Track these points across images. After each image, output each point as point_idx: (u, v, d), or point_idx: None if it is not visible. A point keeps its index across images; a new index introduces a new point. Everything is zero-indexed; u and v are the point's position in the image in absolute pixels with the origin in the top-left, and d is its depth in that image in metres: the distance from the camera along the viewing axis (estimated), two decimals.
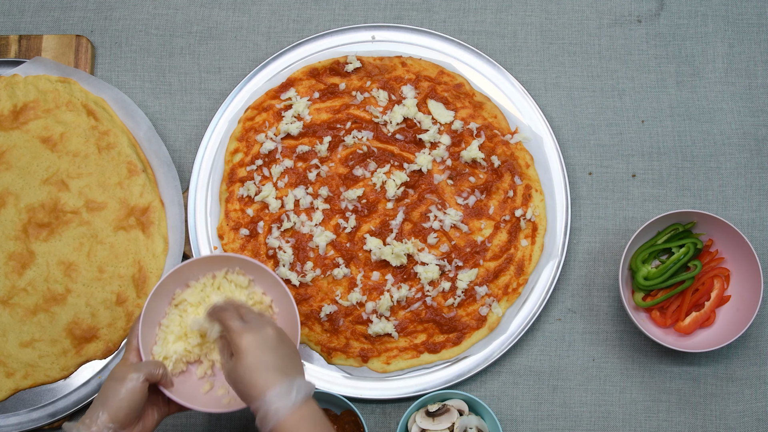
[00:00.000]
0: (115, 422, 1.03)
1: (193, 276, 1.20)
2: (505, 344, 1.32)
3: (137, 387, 1.05)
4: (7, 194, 1.34)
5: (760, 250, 1.36)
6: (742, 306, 1.28)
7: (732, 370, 1.34)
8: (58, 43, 1.41)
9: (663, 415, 1.33)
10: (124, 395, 1.04)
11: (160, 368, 1.08)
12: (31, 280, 1.33)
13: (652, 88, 1.42)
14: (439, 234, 1.33)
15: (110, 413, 1.03)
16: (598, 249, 1.38)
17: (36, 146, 1.36)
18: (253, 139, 1.36)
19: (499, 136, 1.36)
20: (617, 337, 1.35)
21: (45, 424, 1.30)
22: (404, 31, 1.41)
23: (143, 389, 1.05)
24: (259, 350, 1.03)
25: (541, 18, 1.44)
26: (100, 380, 1.31)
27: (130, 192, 1.35)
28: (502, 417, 1.33)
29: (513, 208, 1.34)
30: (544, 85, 1.42)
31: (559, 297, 1.36)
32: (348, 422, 1.28)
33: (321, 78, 1.38)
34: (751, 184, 1.39)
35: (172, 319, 1.18)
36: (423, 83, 1.37)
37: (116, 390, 1.04)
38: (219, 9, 1.45)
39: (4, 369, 1.31)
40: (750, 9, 1.44)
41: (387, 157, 1.35)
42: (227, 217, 1.35)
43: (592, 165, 1.40)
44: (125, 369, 1.07)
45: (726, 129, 1.40)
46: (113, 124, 1.36)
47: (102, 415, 1.03)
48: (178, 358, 1.16)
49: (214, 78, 1.43)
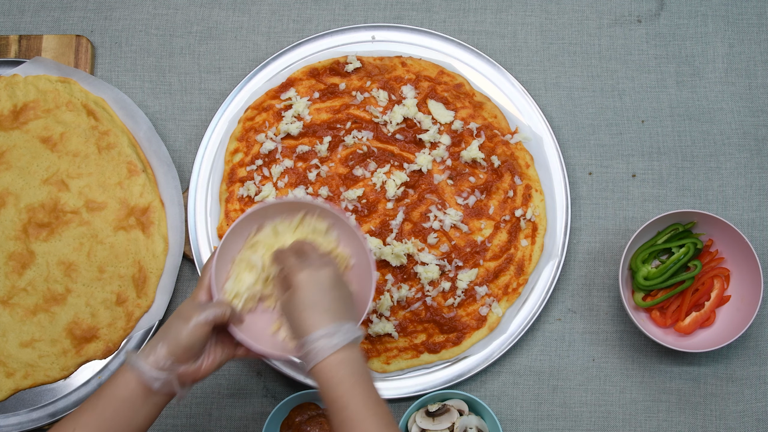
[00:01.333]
0: (173, 356, 1.03)
1: (270, 218, 1.18)
2: (505, 344, 1.32)
3: (199, 328, 1.04)
4: (7, 194, 1.34)
5: (760, 250, 1.36)
6: (742, 306, 1.28)
7: (732, 370, 1.34)
8: (58, 43, 1.41)
9: (663, 415, 1.33)
10: (185, 334, 1.04)
11: (227, 309, 1.07)
12: (31, 280, 1.33)
13: (652, 88, 1.42)
14: (439, 234, 1.33)
15: (169, 348, 1.03)
16: (598, 249, 1.38)
17: (36, 146, 1.36)
18: (253, 139, 1.36)
19: (499, 136, 1.36)
20: (617, 337, 1.35)
21: (45, 424, 1.30)
22: (404, 31, 1.41)
23: (205, 330, 1.05)
24: (312, 289, 1.03)
25: (541, 18, 1.44)
26: (100, 380, 1.31)
27: (130, 192, 1.35)
28: (502, 417, 1.33)
29: (513, 208, 1.34)
30: (544, 85, 1.42)
31: (559, 297, 1.36)
32: None
33: (321, 78, 1.38)
34: (751, 184, 1.39)
35: (245, 257, 1.17)
36: (423, 83, 1.37)
37: (179, 327, 1.04)
38: (219, 9, 1.45)
39: (4, 369, 1.31)
40: (750, 9, 1.44)
41: (387, 157, 1.35)
42: (227, 217, 1.35)
43: (592, 165, 1.40)
44: (192, 308, 1.06)
45: (726, 129, 1.40)
46: (113, 124, 1.37)
47: (161, 348, 1.03)
48: (249, 297, 1.15)
49: (214, 78, 1.43)
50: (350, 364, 1.00)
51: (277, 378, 1.34)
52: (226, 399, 1.34)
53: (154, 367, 1.02)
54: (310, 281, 1.04)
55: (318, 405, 1.30)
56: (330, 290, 1.04)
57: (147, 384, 1.02)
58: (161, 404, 1.05)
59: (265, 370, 1.35)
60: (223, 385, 1.34)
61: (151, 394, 1.03)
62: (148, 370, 1.02)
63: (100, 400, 1.02)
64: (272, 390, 1.34)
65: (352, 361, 1.00)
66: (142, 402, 1.03)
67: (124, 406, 1.02)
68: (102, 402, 1.02)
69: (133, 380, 1.02)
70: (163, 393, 1.04)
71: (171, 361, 1.03)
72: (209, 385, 1.34)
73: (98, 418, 1.01)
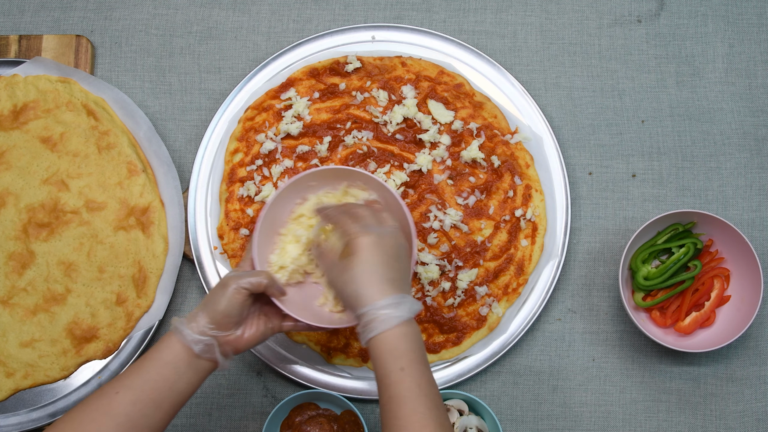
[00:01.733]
0: (213, 323, 1.05)
1: (313, 190, 1.18)
2: (505, 344, 1.32)
3: (235, 294, 1.05)
4: (7, 194, 1.34)
5: (760, 250, 1.36)
6: (742, 306, 1.28)
7: (732, 370, 1.34)
8: (58, 43, 1.41)
9: (663, 415, 1.33)
10: (222, 301, 1.05)
11: (265, 279, 1.07)
12: (31, 280, 1.33)
13: (652, 88, 1.42)
14: (439, 234, 1.33)
15: (208, 314, 1.05)
16: (598, 249, 1.38)
17: (36, 146, 1.36)
18: (253, 139, 1.36)
19: (499, 136, 1.36)
20: (617, 337, 1.35)
21: (45, 424, 1.30)
22: (404, 31, 1.41)
23: (242, 297, 1.06)
24: (377, 256, 1.02)
25: (541, 18, 1.44)
26: (100, 380, 1.31)
27: (130, 192, 1.35)
28: (502, 417, 1.33)
29: (513, 208, 1.34)
30: (544, 85, 1.42)
31: (559, 297, 1.36)
32: (348, 422, 1.28)
33: (321, 78, 1.38)
34: (751, 184, 1.39)
35: (291, 229, 1.17)
36: (423, 83, 1.37)
37: (217, 294, 1.06)
38: (219, 9, 1.45)
39: (4, 369, 1.31)
40: (750, 9, 1.44)
41: (387, 157, 1.35)
42: (227, 217, 1.35)
43: (592, 165, 1.40)
44: (231, 276, 1.08)
45: (726, 129, 1.40)
46: (113, 124, 1.36)
47: (201, 315, 1.05)
48: (294, 269, 1.15)
49: (214, 78, 1.43)
50: (411, 338, 0.99)
51: (277, 378, 1.34)
52: (226, 399, 1.34)
53: (195, 332, 1.04)
54: (375, 248, 1.03)
55: (318, 405, 1.30)
56: (395, 260, 1.04)
57: (189, 347, 1.03)
58: (204, 372, 1.06)
59: (265, 370, 1.35)
60: (223, 385, 1.34)
61: (194, 359, 1.04)
62: (190, 333, 1.03)
63: (145, 363, 1.03)
64: (272, 390, 1.34)
65: (414, 336, 1.00)
66: (186, 366, 1.04)
67: (168, 368, 1.03)
68: (146, 364, 1.03)
69: (177, 344, 1.04)
70: (205, 359, 1.05)
71: (211, 327, 1.04)
72: (209, 385, 1.34)
73: (141, 380, 1.02)
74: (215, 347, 1.05)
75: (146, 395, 1.01)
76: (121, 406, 1.00)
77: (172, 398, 1.03)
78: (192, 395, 1.06)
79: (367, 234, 1.04)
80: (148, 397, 1.01)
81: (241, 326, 1.08)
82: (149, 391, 1.01)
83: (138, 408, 1.00)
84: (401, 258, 1.05)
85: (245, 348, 1.09)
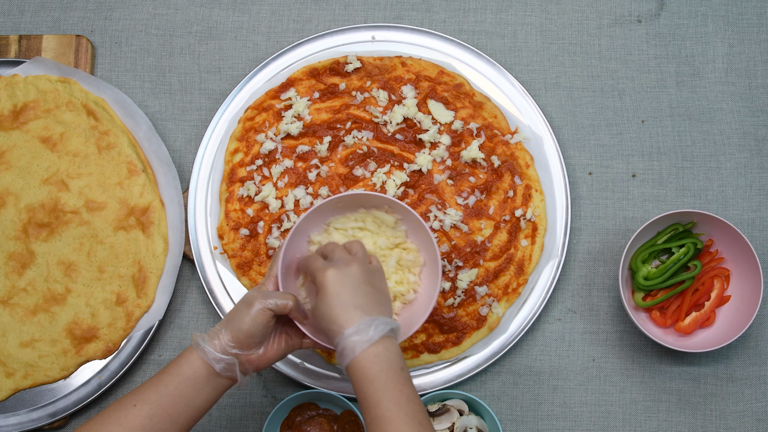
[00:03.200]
0: (236, 342, 1.04)
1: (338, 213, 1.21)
2: (505, 344, 1.32)
3: (260, 315, 1.05)
4: (7, 194, 1.34)
5: (760, 250, 1.36)
6: (742, 306, 1.28)
7: (732, 370, 1.34)
8: (58, 43, 1.41)
9: (663, 415, 1.33)
10: (247, 320, 1.05)
11: (289, 300, 1.07)
12: (31, 280, 1.33)
13: (652, 88, 1.42)
14: (439, 234, 1.33)
15: (232, 333, 1.05)
16: (598, 249, 1.38)
17: (36, 146, 1.36)
18: (253, 139, 1.36)
19: (499, 136, 1.36)
20: (617, 337, 1.35)
21: (45, 424, 1.30)
22: (404, 31, 1.41)
23: (266, 317, 1.05)
24: (340, 287, 1.03)
25: (541, 18, 1.44)
26: (100, 380, 1.31)
27: (130, 192, 1.35)
28: (502, 417, 1.33)
29: (513, 208, 1.34)
30: (544, 85, 1.42)
31: (559, 297, 1.36)
32: (348, 422, 1.28)
33: (321, 78, 1.38)
34: (751, 184, 1.39)
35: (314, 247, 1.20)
36: (423, 83, 1.37)
37: (241, 312, 1.06)
38: (219, 9, 1.45)
39: (4, 369, 1.31)
40: (750, 9, 1.44)
41: (387, 157, 1.35)
42: (227, 217, 1.35)
43: (592, 165, 1.40)
44: (256, 295, 1.07)
45: (726, 129, 1.40)
46: (113, 124, 1.37)
47: (225, 333, 1.05)
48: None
49: (214, 78, 1.43)
50: (385, 359, 1.00)
51: (277, 378, 1.34)
52: (226, 399, 1.34)
53: (218, 350, 1.04)
54: (335, 280, 1.04)
55: (318, 405, 1.30)
56: (359, 286, 1.04)
57: (210, 365, 1.03)
58: (222, 388, 1.06)
59: (265, 370, 1.35)
60: None
61: (214, 376, 1.04)
62: (211, 351, 1.03)
63: (164, 377, 1.03)
64: (272, 390, 1.34)
65: (387, 355, 1.00)
66: (204, 383, 1.04)
67: (187, 384, 1.03)
68: (165, 379, 1.03)
69: (197, 360, 1.04)
70: (225, 377, 1.05)
71: (232, 346, 1.04)
72: None
73: (160, 394, 1.02)
74: (236, 366, 1.05)
75: (163, 410, 1.01)
76: (137, 419, 1.00)
77: (188, 413, 1.03)
78: (208, 411, 1.06)
79: (329, 267, 1.05)
80: (165, 411, 1.01)
81: (263, 345, 1.08)
82: (167, 406, 1.02)
83: (154, 422, 1.01)
84: (368, 282, 1.06)
85: (266, 366, 1.09)
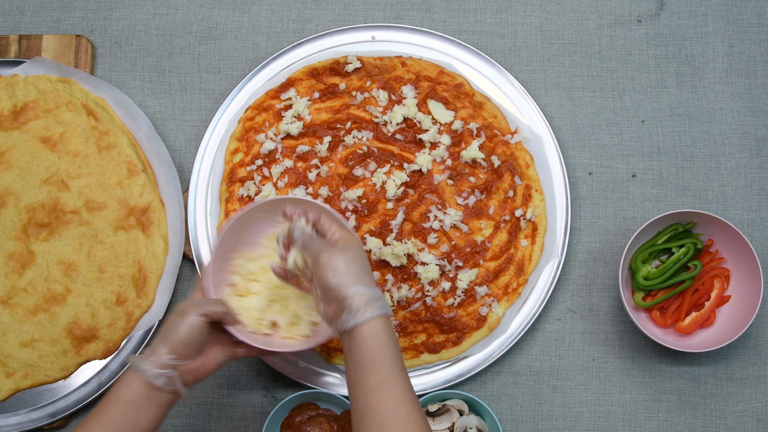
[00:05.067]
0: (173, 353, 1.05)
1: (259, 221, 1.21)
2: (505, 344, 1.32)
3: (195, 322, 1.07)
4: (7, 194, 1.34)
5: (760, 250, 1.36)
6: (742, 306, 1.28)
7: (732, 370, 1.34)
8: (58, 43, 1.41)
9: (663, 415, 1.33)
10: (182, 329, 1.06)
11: (221, 306, 1.10)
12: (31, 280, 1.33)
13: (652, 88, 1.42)
14: (439, 234, 1.33)
15: (169, 345, 1.05)
16: (598, 249, 1.38)
17: (36, 146, 1.36)
18: (253, 139, 1.36)
19: (499, 136, 1.36)
20: (617, 337, 1.35)
21: (45, 424, 1.30)
22: (404, 31, 1.41)
23: (201, 325, 1.07)
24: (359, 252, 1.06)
25: (541, 18, 1.44)
26: (100, 380, 1.31)
27: (130, 192, 1.35)
28: (502, 417, 1.33)
29: (513, 208, 1.34)
30: (544, 85, 1.42)
31: (559, 297, 1.36)
32: (348, 422, 1.28)
33: (321, 78, 1.38)
34: (751, 184, 1.39)
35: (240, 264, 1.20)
36: (423, 83, 1.37)
37: (175, 323, 1.07)
38: (219, 9, 1.45)
39: (4, 369, 1.31)
40: (750, 9, 1.44)
41: (387, 157, 1.35)
42: (227, 217, 1.34)
43: (592, 165, 1.40)
44: (188, 304, 1.09)
45: (726, 129, 1.40)
46: (113, 124, 1.37)
47: (161, 347, 1.05)
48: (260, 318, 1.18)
49: (214, 78, 1.43)
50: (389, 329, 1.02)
51: (277, 378, 1.34)
52: (226, 399, 1.34)
53: (156, 366, 1.04)
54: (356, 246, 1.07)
55: (318, 405, 1.30)
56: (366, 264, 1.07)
57: (150, 382, 1.03)
58: (165, 405, 1.05)
59: (265, 370, 1.35)
60: (223, 386, 1.34)
61: (155, 394, 1.04)
62: (149, 369, 1.03)
63: (106, 405, 1.03)
64: (272, 390, 1.34)
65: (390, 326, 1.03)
66: (146, 402, 1.03)
67: (129, 407, 1.03)
68: (107, 407, 1.03)
69: (135, 381, 1.04)
70: (166, 392, 1.05)
71: (172, 358, 1.05)
72: (209, 385, 1.34)
73: (103, 423, 1.02)
74: (176, 378, 1.05)
75: None
76: None
77: None
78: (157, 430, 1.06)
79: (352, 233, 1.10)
80: None
81: (201, 354, 1.10)
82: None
83: None
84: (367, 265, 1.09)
85: (205, 376, 1.10)
